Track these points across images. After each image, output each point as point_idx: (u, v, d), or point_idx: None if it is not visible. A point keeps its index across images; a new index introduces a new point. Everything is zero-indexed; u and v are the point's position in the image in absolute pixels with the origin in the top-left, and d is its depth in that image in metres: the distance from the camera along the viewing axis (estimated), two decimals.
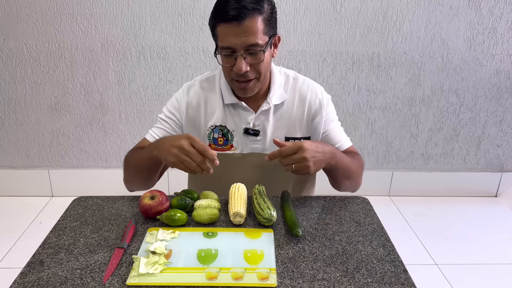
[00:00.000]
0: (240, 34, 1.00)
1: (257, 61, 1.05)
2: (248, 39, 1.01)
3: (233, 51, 1.03)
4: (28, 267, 0.86)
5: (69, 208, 1.08)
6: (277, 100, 1.18)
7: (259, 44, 1.02)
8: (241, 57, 1.03)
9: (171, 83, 2.26)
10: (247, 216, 1.03)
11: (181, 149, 0.96)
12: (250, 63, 1.05)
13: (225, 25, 1.01)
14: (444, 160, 2.53)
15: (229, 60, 1.05)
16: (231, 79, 1.10)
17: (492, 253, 2.04)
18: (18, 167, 2.45)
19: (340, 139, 1.25)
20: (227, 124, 1.20)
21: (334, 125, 1.25)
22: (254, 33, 1.01)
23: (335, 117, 1.27)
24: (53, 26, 2.14)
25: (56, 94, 2.28)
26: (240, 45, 1.01)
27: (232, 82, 1.11)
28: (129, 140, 2.39)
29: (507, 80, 2.34)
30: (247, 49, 1.03)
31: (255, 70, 1.07)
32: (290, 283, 0.82)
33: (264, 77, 1.11)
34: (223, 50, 1.04)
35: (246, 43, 1.01)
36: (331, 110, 1.25)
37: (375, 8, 2.15)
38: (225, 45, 1.03)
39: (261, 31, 1.02)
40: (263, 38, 1.03)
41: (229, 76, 1.10)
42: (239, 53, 1.03)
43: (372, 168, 2.53)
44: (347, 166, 1.14)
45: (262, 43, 1.03)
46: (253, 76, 1.08)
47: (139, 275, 0.82)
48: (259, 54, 1.04)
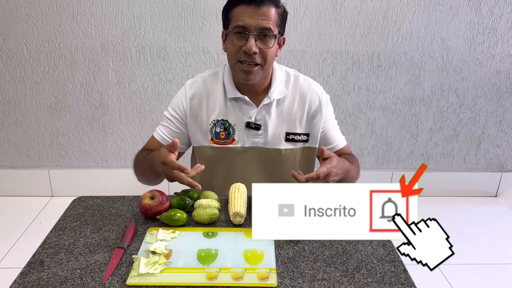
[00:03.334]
0: (257, 16, 1.07)
1: (266, 46, 1.10)
2: (263, 22, 1.07)
3: (246, 30, 1.08)
4: (28, 267, 0.86)
5: (69, 208, 1.08)
6: (278, 95, 1.21)
7: (271, 29, 1.08)
8: (252, 37, 1.08)
9: (171, 83, 2.26)
10: (247, 216, 1.03)
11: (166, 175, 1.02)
12: (260, 47, 1.09)
13: (243, 6, 1.07)
14: (444, 160, 2.53)
15: (240, 40, 1.10)
16: (236, 61, 1.13)
17: (492, 253, 2.04)
18: (18, 167, 2.45)
19: (337, 138, 1.30)
20: (228, 118, 1.22)
21: (332, 125, 1.29)
22: (269, 19, 1.08)
23: (333, 116, 1.31)
24: (53, 26, 2.14)
25: (56, 94, 2.28)
26: (255, 25, 1.07)
27: (237, 64, 1.13)
28: (129, 140, 2.39)
29: (507, 80, 2.34)
30: (260, 31, 1.08)
31: (262, 56, 1.11)
32: (290, 283, 0.82)
33: (268, 66, 1.15)
34: (236, 28, 1.09)
35: (261, 26, 1.07)
36: (330, 110, 1.28)
37: (375, 8, 2.15)
38: (240, 23, 1.08)
39: (274, 21, 1.09)
40: (275, 27, 1.10)
41: (235, 57, 1.13)
42: (252, 33, 1.07)
43: (372, 168, 2.53)
44: (351, 175, 1.18)
45: (274, 30, 1.09)
46: (259, 61, 1.11)
47: (139, 275, 0.82)
48: (270, 39, 1.10)
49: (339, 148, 1.30)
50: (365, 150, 2.48)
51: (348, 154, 1.30)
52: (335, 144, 1.29)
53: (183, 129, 1.25)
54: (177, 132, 1.25)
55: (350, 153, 1.31)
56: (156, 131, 1.27)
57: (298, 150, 1.27)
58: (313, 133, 1.26)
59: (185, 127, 1.25)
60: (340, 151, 1.30)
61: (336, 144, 1.29)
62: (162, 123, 1.27)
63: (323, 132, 1.27)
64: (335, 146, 1.29)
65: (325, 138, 1.28)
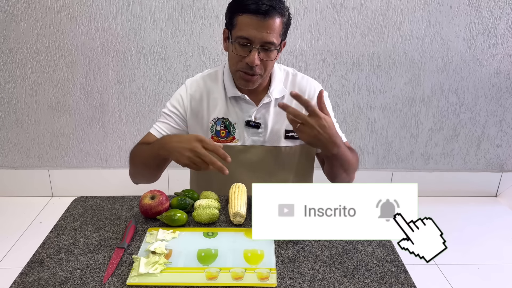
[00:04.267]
0: (262, 29, 1.05)
1: (268, 59, 1.10)
2: (268, 36, 1.06)
3: (249, 42, 1.07)
4: (28, 267, 0.86)
5: (69, 208, 1.08)
6: (277, 94, 1.22)
7: (274, 43, 1.08)
8: (256, 50, 1.08)
9: (171, 83, 2.26)
10: (247, 216, 1.03)
11: (194, 152, 0.98)
12: (262, 59, 1.10)
13: (249, 16, 1.05)
14: (444, 160, 2.53)
15: (243, 51, 1.09)
16: (237, 70, 1.13)
17: (492, 253, 2.04)
18: (18, 167, 2.45)
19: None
20: (229, 117, 1.23)
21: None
22: (274, 31, 1.07)
23: (331, 113, 1.29)
24: (53, 26, 2.14)
25: (56, 94, 2.28)
26: (259, 39, 1.06)
27: (237, 72, 1.14)
28: (129, 140, 2.39)
29: (507, 80, 2.34)
30: (263, 45, 1.07)
31: (263, 66, 1.12)
32: (290, 283, 0.82)
33: (267, 74, 1.17)
34: (240, 39, 1.08)
35: (265, 39, 1.06)
36: (327, 106, 1.26)
37: (375, 8, 2.15)
38: (244, 35, 1.07)
39: (278, 32, 1.08)
40: (278, 39, 1.09)
41: (235, 66, 1.13)
42: (255, 46, 1.07)
43: (372, 168, 2.53)
44: (347, 159, 1.16)
45: (277, 43, 1.09)
46: (260, 72, 1.12)
47: (139, 275, 0.82)
48: (272, 52, 1.10)
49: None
50: (365, 150, 2.48)
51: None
52: None
53: (183, 125, 1.25)
54: (177, 128, 1.24)
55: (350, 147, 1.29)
56: (153, 128, 1.24)
57: (297, 148, 1.26)
58: None
59: (185, 124, 1.25)
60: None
61: None
62: (160, 120, 1.25)
63: None
64: None
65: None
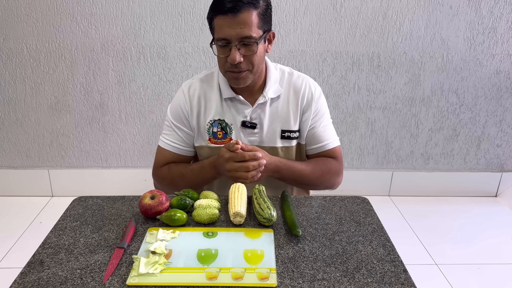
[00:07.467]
0: (235, 26, 1.05)
1: (250, 53, 1.10)
2: (243, 31, 1.06)
3: (228, 42, 1.08)
4: (28, 267, 0.86)
5: (69, 208, 1.08)
6: (273, 94, 1.22)
7: (253, 37, 1.07)
8: (235, 48, 1.08)
9: (171, 83, 2.26)
10: (247, 216, 1.03)
11: (231, 172, 1.08)
12: (244, 54, 1.09)
13: (221, 17, 1.06)
14: (444, 160, 2.53)
15: (224, 51, 1.10)
16: (226, 71, 1.14)
17: (492, 253, 2.04)
18: (18, 167, 2.44)
19: (325, 137, 1.25)
20: (225, 118, 1.23)
21: (322, 122, 1.25)
22: (249, 25, 1.06)
23: (327, 114, 1.28)
24: (53, 26, 2.14)
25: (56, 94, 2.28)
26: (234, 36, 1.06)
27: (226, 73, 1.15)
28: (129, 140, 2.39)
29: (507, 80, 2.34)
30: (241, 41, 1.07)
31: (249, 61, 1.11)
32: (290, 283, 0.82)
33: (257, 69, 1.15)
34: (219, 41, 1.09)
35: (241, 35, 1.06)
36: (322, 105, 1.26)
37: (375, 8, 2.15)
38: (221, 36, 1.08)
39: (255, 25, 1.07)
40: (257, 31, 1.08)
41: (223, 67, 1.14)
42: (233, 43, 1.07)
43: (372, 168, 2.53)
44: (297, 176, 1.20)
45: (256, 36, 1.08)
46: (246, 67, 1.12)
47: (139, 275, 0.82)
48: (253, 46, 1.09)
49: (327, 148, 1.24)
50: (365, 150, 2.48)
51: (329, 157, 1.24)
52: (323, 143, 1.24)
53: (190, 131, 1.25)
54: (189, 134, 1.25)
55: (335, 157, 1.25)
56: (163, 142, 1.25)
57: (293, 148, 1.26)
58: (302, 129, 1.25)
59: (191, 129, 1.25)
60: (325, 153, 1.25)
61: (324, 144, 1.24)
62: (167, 132, 1.26)
63: (311, 127, 1.23)
64: (322, 146, 1.24)
65: (312, 135, 1.24)
